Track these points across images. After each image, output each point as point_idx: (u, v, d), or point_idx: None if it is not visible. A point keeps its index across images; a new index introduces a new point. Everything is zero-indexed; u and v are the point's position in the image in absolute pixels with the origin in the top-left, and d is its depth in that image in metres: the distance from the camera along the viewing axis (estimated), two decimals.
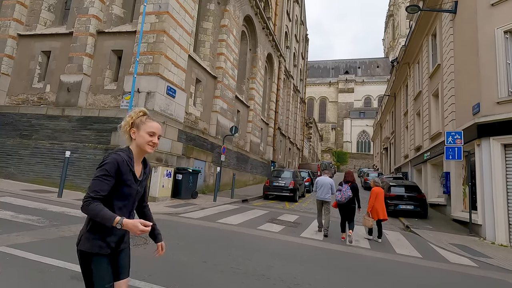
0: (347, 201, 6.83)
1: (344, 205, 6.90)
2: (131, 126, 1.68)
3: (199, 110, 13.44)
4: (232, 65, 16.11)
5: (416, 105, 19.02)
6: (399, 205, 12.08)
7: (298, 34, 34.95)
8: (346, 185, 6.95)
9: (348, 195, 6.79)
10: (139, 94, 9.95)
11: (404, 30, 79.24)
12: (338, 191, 7.01)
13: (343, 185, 6.99)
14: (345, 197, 6.80)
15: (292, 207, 11.99)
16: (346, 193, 6.82)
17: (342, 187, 6.98)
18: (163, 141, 10.18)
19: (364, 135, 73.47)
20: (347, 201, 6.82)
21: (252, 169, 19.73)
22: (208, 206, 9.36)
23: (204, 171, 13.20)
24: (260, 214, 9.09)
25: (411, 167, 19.71)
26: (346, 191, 6.85)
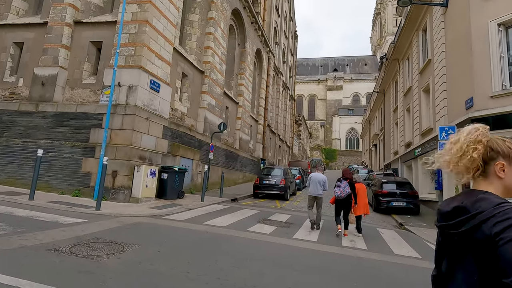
0: (346, 197, 7.05)
1: (342, 201, 7.12)
2: (489, 157, 0.99)
3: (186, 106, 12.86)
4: (220, 59, 15.56)
5: (406, 101, 18.94)
6: (391, 202, 11.87)
7: (287, 30, 34.56)
8: (345, 181, 7.14)
9: (348, 191, 7.01)
10: (120, 88, 9.30)
11: (391, 28, 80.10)
12: (337, 187, 7.18)
13: (342, 182, 7.17)
14: (344, 193, 7.01)
15: (284, 206, 11.60)
16: (345, 190, 7.03)
17: (341, 183, 7.15)
18: (147, 138, 9.59)
19: (353, 132, 74.03)
20: (346, 196, 7.05)
21: (242, 167, 19.27)
22: (195, 207, 8.85)
23: (192, 170, 12.65)
24: (250, 214, 8.65)
25: (401, 164, 19.66)
26: (346, 187, 7.05)
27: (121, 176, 8.71)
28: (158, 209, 7.95)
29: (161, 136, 10.36)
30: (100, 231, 5.07)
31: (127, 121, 9.03)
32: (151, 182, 9.20)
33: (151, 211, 7.48)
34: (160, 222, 6.38)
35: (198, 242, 5.13)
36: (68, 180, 9.02)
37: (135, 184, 8.82)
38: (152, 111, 9.91)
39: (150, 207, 8.06)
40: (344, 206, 7.19)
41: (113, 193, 8.64)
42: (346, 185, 7.11)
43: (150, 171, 9.17)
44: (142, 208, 7.88)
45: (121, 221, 6.04)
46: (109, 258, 3.80)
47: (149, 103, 9.76)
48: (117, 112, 9.12)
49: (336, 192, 7.18)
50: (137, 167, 8.89)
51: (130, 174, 8.79)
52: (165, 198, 9.87)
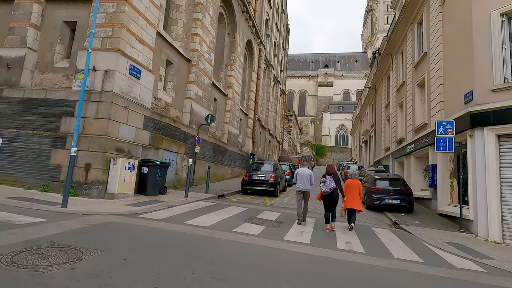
0: (331, 192, 7.24)
1: (328, 196, 7.32)
2: None
3: (171, 96, 12.03)
4: (209, 48, 14.72)
5: (399, 96, 18.58)
6: (384, 199, 11.43)
7: (279, 23, 33.79)
8: (329, 176, 7.33)
9: (332, 186, 7.21)
10: (95, 73, 8.43)
11: (383, 25, 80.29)
12: (322, 183, 7.34)
13: (326, 177, 7.35)
14: (330, 188, 7.19)
15: (273, 203, 11.00)
16: (330, 184, 7.21)
17: (325, 178, 7.33)
18: (125, 128, 8.77)
19: (343, 128, 74.21)
20: (331, 191, 7.24)
21: (230, 161, 18.57)
22: (177, 204, 8.13)
23: (176, 164, 11.88)
24: (237, 212, 8.00)
25: (393, 160, 19.38)
26: (330, 182, 7.23)
27: (95, 170, 7.89)
28: (135, 206, 7.19)
29: (141, 127, 9.55)
30: (59, 234, 4.32)
31: (103, 109, 8.18)
32: (129, 177, 8.41)
33: (127, 209, 6.72)
34: (134, 222, 5.64)
35: (175, 246, 4.44)
36: (35, 174, 8.13)
37: (110, 178, 8.02)
38: (132, 99, 9.08)
39: (126, 204, 7.30)
40: (331, 201, 7.38)
41: (86, 188, 7.82)
42: (331, 180, 7.26)
43: (128, 164, 8.37)
44: (117, 205, 7.11)
45: (88, 220, 5.28)
46: (59, 269, 3.08)
47: (128, 90, 8.91)
48: (91, 99, 8.26)
49: (321, 187, 7.32)
50: (113, 160, 8.08)
51: (105, 167, 7.98)
52: (146, 194, 9.10)
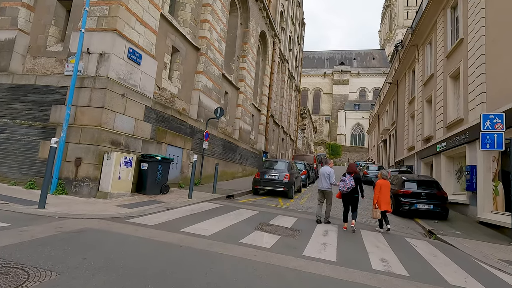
0: (349, 191, 7.11)
1: (347, 195, 7.22)
2: None
3: (177, 86, 11.04)
4: (219, 36, 13.67)
5: (426, 90, 16.97)
6: (415, 204, 10.04)
7: (294, 16, 32.43)
8: (349, 175, 7.18)
9: (351, 185, 7.05)
10: (89, 56, 7.50)
11: (402, 20, 77.33)
12: (342, 181, 7.24)
13: (346, 176, 7.23)
14: (347, 187, 7.06)
15: (288, 205, 9.83)
16: (349, 183, 7.07)
17: (345, 177, 7.21)
18: (122, 119, 7.81)
19: (359, 127, 71.89)
20: (350, 191, 7.10)
21: (241, 159, 17.49)
22: (178, 205, 7.09)
23: (182, 160, 10.88)
24: (246, 217, 6.88)
25: (418, 160, 17.77)
26: (349, 181, 7.09)
27: (86, 165, 6.96)
28: (128, 207, 6.19)
29: (142, 118, 8.58)
30: (13, 245, 3.33)
31: (97, 96, 7.24)
32: (125, 173, 7.44)
33: (116, 211, 5.72)
34: (118, 229, 4.60)
35: (162, 265, 3.36)
36: (22, 168, 7.28)
37: (104, 175, 7.07)
38: (131, 86, 8.11)
39: (118, 205, 6.31)
40: (349, 200, 7.26)
41: (75, 186, 6.89)
42: (350, 179, 7.13)
43: (125, 159, 7.40)
44: (107, 206, 6.13)
45: (61, 226, 4.29)
46: None
47: (126, 76, 7.95)
48: (84, 85, 7.34)
49: (340, 186, 7.24)
50: (107, 154, 7.12)
51: (98, 162, 7.03)
52: (145, 193, 8.13)
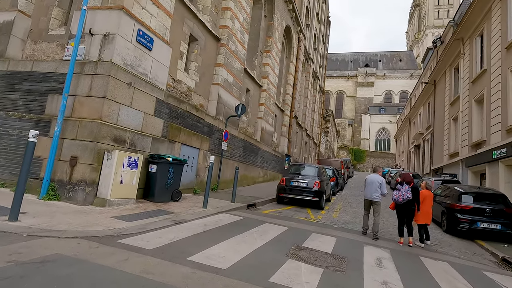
0: (405, 203, 6.61)
1: (401, 206, 6.72)
2: None
3: (194, 79, 9.84)
4: (242, 27, 12.41)
5: (475, 89, 14.85)
6: (477, 222, 8.20)
7: (320, 13, 30.81)
8: (407, 186, 6.63)
9: (407, 197, 6.52)
10: (92, 38, 6.40)
11: (432, 20, 73.43)
12: (396, 190, 6.72)
13: (403, 185, 6.67)
14: (403, 198, 6.55)
15: (319, 219, 8.30)
16: (405, 194, 6.53)
17: (402, 187, 6.66)
18: (129, 112, 6.64)
19: (384, 132, 68.57)
20: (405, 202, 6.59)
21: (263, 163, 16.09)
22: (189, 218, 5.77)
23: (197, 162, 9.64)
24: (273, 236, 5.44)
25: (464, 168, 15.60)
26: (406, 192, 6.55)
27: (83, 165, 5.81)
28: (127, 220, 4.93)
29: (152, 112, 7.39)
30: None
31: (98, 84, 6.11)
32: (129, 176, 6.24)
33: (110, 225, 4.47)
34: (102, 256, 3.30)
35: None
36: (12, 167, 6.26)
37: (103, 178, 5.89)
38: (140, 75, 6.95)
39: (115, 216, 5.07)
40: (404, 212, 6.74)
41: (69, 190, 5.76)
42: (408, 189, 6.56)
43: (129, 160, 6.20)
44: (101, 217, 4.90)
45: (21, 252, 3.06)
46: None
47: (134, 62, 6.79)
48: (84, 72, 6.24)
49: (394, 195, 6.71)
50: (107, 153, 5.95)
51: (97, 163, 5.87)
52: (152, 201, 6.90)
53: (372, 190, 6.96)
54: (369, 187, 7.04)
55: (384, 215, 10.06)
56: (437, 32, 65.50)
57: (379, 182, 6.95)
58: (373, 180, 7.02)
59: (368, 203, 7.11)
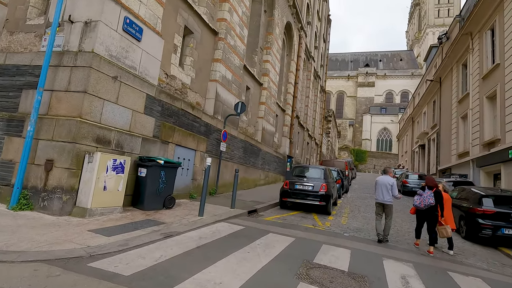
0: (427, 209, 6.18)
1: (423, 212, 6.31)
2: None
3: (189, 75, 9.12)
4: (241, 21, 11.69)
5: (486, 85, 14.13)
6: (501, 228, 7.44)
7: (320, 11, 30.14)
8: (430, 191, 6.21)
9: (429, 203, 6.08)
10: (72, 26, 5.68)
11: (433, 19, 72.88)
12: (418, 195, 6.40)
13: (425, 190, 6.28)
14: (425, 204, 6.14)
15: (328, 226, 7.54)
16: (427, 200, 6.12)
17: (424, 192, 6.28)
18: (114, 110, 5.90)
19: (385, 132, 67.88)
20: (427, 208, 6.17)
21: (264, 164, 15.34)
22: (182, 229, 5.01)
23: (194, 165, 8.89)
24: (280, 250, 4.69)
25: (475, 168, 14.85)
26: (428, 197, 6.13)
27: (59, 170, 5.07)
28: (107, 234, 4.18)
29: (142, 110, 6.65)
30: None
31: (78, 78, 5.38)
32: (114, 182, 5.49)
33: (84, 242, 3.73)
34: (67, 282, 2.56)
35: None
36: None
37: (83, 184, 5.15)
38: (127, 68, 6.22)
39: (94, 229, 4.32)
40: (426, 218, 6.32)
41: (44, 199, 5.01)
42: (431, 194, 6.14)
43: (113, 163, 5.46)
44: (76, 231, 4.15)
45: None
46: None
47: (121, 54, 6.06)
48: (63, 64, 5.51)
49: (415, 201, 6.38)
50: (88, 156, 5.21)
51: (76, 166, 5.13)
52: (142, 208, 6.14)
53: (384, 192, 6.63)
54: (380, 189, 6.69)
55: (397, 220, 9.30)
56: (438, 31, 64.83)
57: (390, 184, 6.61)
58: (384, 182, 6.66)
59: (381, 207, 6.73)
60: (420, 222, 6.53)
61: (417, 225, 6.60)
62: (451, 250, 6.43)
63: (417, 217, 6.58)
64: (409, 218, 10.14)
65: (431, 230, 6.25)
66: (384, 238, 6.45)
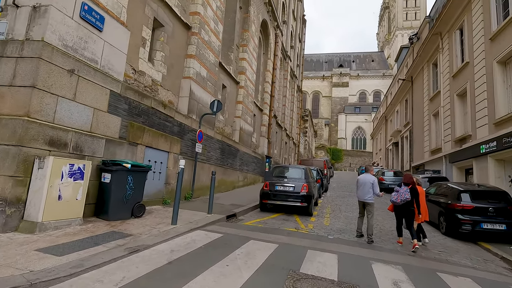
0: (403, 204, 6.28)
1: (400, 208, 6.40)
2: None
3: (160, 71, 8.46)
4: (215, 15, 11.15)
5: (456, 83, 14.56)
6: (480, 223, 7.49)
7: (296, 11, 30.18)
8: (406, 187, 6.32)
9: (406, 198, 6.20)
10: (17, 11, 4.90)
11: (401, 22, 75.98)
12: (395, 192, 6.43)
13: (402, 187, 6.38)
14: (401, 199, 6.24)
15: (311, 228, 7.20)
16: (403, 195, 6.23)
17: (400, 188, 6.38)
18: (71, 108, 5.18)
19: (360, 131, 69.76)
20: (404, 203, 6.27)
21: (243, 165, 14.86)
22: (151, 242, 4.42)
23: (167, 168, 8.24)
24: (262, 259, 4.24)
25: (448, 164, 15.29)
26: (404, 193, 6.23)
27: (2, 178, 4.29)
28: (58, 253, 3.52)
29: (105, 108, 5.95)
30: None
31: (24, 70, 4.62)
32: (71, 190, 4.78)
33: (27, 265, 3.06)
34: None
35: None
36: None
37: (32, 194, 4.41)
38: (86, 61, 5.50)
39: (43, 248, 3.64)
40: (403, 214, 6.43)
41: None
42: (406, 190, 6.27)
43: (70, 168, 4.75)
44: (19, 251, 3.46)
45: None
46: None
47: (78, 44, 5.35)
48: (6, 54, 4.73)
49: (392, 196, 6.47)
50: (38, 161, 4.47)
51: (23, 173, 4.38)
52: (106, 218, 5.46)
53: (365, 191, 6.68)
54: (362, 188, 6.74)
55: (378, 218, 9.19)
56: (406, 34, 67.75)
57: (371, 182, 6.65)
58: (365, 181, 6.72)
59: (362, 205, 6.81)
60: (399, 219, 6.60)
61: (397, 222, 6.66)
62: (425, 238, 6.94)
63: (396, 213, 6.64)
64: (389, 215, 10.08)
65: (411, 225, 6.32)
66: (369, 239, 6.35)
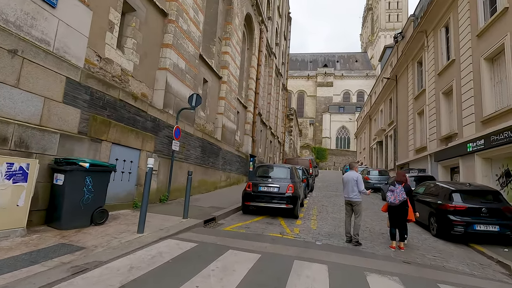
0: (400, 204, 6.02)
1: (396, 208, 6.09)
2: None
3: (132, 60, 7.62)
4: (195, 4, 10.37)
5: (442, 81, 14.43)
6: (473, 224, 7.13)
7: (281, 7, 29.64)
8: (400, 185, 6.12)
9: (403, 197, 6.00)
10: None
11: (384, 23, 77.23)
12: (390, 191, 6.19)
13: (396, 186, 6.14)
14: (399, 199, 6.01)
15: (297, 233, 6.60)
16: (400, 195, 6.01)
17: (395, 187, 6.13)
18: (12, 95, 4.32)
19: (344, 130, 70.39)
20: (401, 203, 6.02)
21: (225, 165, 14.13)
22: (106, 258, 3.65)
23: (138, 167, 7.41)
24: (242, 275, 3.58)
25: (433, 163, 15.17)
26: (401, 192, 6.03)
27: None
28: None
29: (60, 97, 5.09)
30: None
31: None
32: (10, 194, 3.94)
33: None
34: None
35: None
36: None
37: None
38: (34, 41, 4.64)
39: None
40: (399, 215, 6.09)
41: None
42: (401, 190, 6.04)
43: (8, 168, 3.91)
44: None
45: None
46: None
47: (23, 20, 4.48)
48: None
49: (389, 197, 6.14)
50: None
51: None
52: (58, 227, 4.62)
53: (349, 189, 6.29)
54: (347, 186, 6.36)
55: (367, 220, 8.73)
56: (389, 35, 68.93)
57: (355, 179, 6.24)
58: (348, 178, 6.35)
59: (349, 205, 6.37)
60: (394, 220, 6.23)
61: (391, 224, 6.28)
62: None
63: (390, 214, 6.28)
64: (378, 216, 9.68)
65: (404, 226, 6.12)
66: (354, 238, 6.03)
